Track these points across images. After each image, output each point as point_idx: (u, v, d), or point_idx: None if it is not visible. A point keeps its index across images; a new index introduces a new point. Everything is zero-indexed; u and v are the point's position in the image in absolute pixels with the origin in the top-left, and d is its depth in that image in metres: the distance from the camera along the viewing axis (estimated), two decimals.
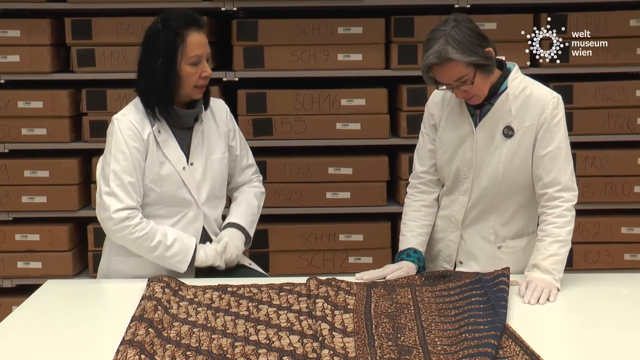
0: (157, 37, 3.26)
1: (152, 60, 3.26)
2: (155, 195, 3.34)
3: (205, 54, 3.30)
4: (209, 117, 3.49)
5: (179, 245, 3.30)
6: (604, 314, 2.89)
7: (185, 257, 3.30)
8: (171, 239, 3.29)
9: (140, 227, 3.26)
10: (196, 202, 3.39)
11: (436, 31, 3.13)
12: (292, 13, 5.02)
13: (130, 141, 3.27)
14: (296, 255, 5.05)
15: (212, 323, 2.76)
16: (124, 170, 3.26)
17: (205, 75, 3.29)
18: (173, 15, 3.30)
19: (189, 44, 3.24)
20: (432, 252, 3.50)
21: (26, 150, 5.01)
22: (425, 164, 3.47)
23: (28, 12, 5.05)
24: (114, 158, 3.27)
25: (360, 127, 4.97)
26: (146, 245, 3.27)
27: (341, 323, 2.69)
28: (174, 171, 3.34)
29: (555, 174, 3.19)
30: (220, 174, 3.48)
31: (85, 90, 4.96)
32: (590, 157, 4.97)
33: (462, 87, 3.14)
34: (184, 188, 3.36)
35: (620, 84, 4.97)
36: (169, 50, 3.23)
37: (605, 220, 5.05)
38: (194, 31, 3.26)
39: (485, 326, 2.60)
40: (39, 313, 2.99)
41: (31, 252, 5.01)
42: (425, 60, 3.12)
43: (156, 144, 3.31)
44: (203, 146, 3.42)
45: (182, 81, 3.26)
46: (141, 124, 3.30)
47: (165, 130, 3.34)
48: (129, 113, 3.33)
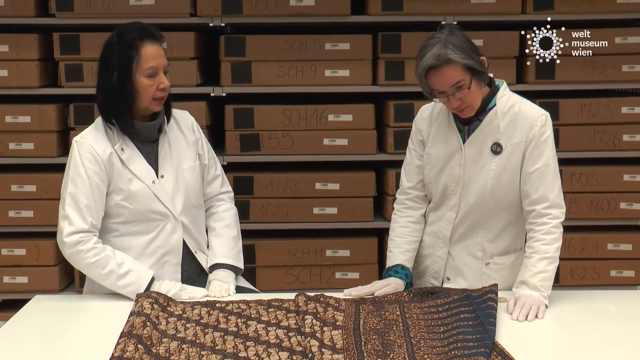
0: (112, 50, 3.25)
1: (108, 74, 3.24)
2: (128, 213, 3.31)
3: (161, 66, 3.27)
4: (174, 128, 3.46)
5: (132, 276, 3.24)
6: (591, 331, 2.90)
7: (138, 288, 3.22)
8: (125, 268, 3.23)
9: (93, 252, 3.22)
10: (172, 214, 3.36)
11: (431, 39, 3.13)
12: (280, 29, 5.04)
13: (88, 164, 3.24)
14: (283, 271, 5.06)
15: (201, 339, 2.76)
16: (80, 193, 3.24)
17: (163, 87, 3.26)
18: (128, 28, 3.27)
19: (143, 55, 3.22)
20: (419, 268, 3.51)
21: (13, 165, 5.01)
22: (413, 180, 3.47)
23: (16, 27, 5.05)
24: (72, 181, 3.26)
25: (347, 142, 4.98)
26: (98, 272, 3.23)
27: (330, 339, 2.69)
28: (143, 186, 3.31)
29: (543, 191, 3.20)
30: (193, 182, 3.45)
31: (73, 105, 4.96)
32: (577, 173, 5.00)
33: (457, 93, 3.13)
34: (156, 201, 3.33)
35: (606, 101, 5.00)
36: (124, 63, 3.21)
37: (592, 237, 5.07)
38: (148, 43, 3.24)
39: (475, 343, 2.61)
40: (27, 329, 2.98)
41: (17, 267, 5.00)
42: (423, 62, 3.10)
43: (121, 162, 3.29)
44: (171, 157, 3.40)
45: (138, 93, 3.24)
46: (101, 145, 3.27)
47: (129, 146, 3.31)
48: (88, 135, 3.31)
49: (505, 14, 4.92)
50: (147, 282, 3.24)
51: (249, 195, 4.94)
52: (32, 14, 4.88)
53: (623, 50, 4.97)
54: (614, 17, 4.97)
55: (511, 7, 4.91)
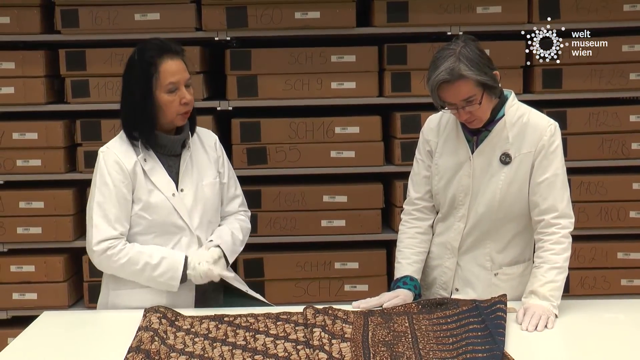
0: (132, 69, 3.30)
1: (131, 91, 3.29)
2: (146, 223, 3.33)
3: (182, 81, 3.29)
4: (197, 144, 3.49)
5: (166, 263, 3.28)
6: (601, 341, 2.88)
7: (175, 273, 3.28)
8: (157, 258, 3.27)
9: (123, 253, 3.26)
10: (189, 228, 3.37)
11: (445, 50, 3.12)
12: (285, 42, 5.04)
13: (115, 173, 3.28)
14: (292, 284, 5.04)
15: (209, 353, 2.75)
16: (108, 202, 3.28)
17: (185, 101, 3.29)
18: (148, 45, 3.31)
19: (162, 72, 3.25)
20: (427, 280, 3.49)
21: (21, 182, 5.01)
22: (420, 191, 3.46)
23: (22, 44, 5.06)
24: (99, 191, 3.30)
25: (354, 154, 4.98)
26: (132, 270, 3.27)
27: (339, 352, 2.68)
28: (163, 198, 3.33)
29: (552, 201, 3.19)
30: (212, 199, 3.47)
31: (80, 121, 4.97)
32: (585, 182, 4.98)
33: (467, 107, 3.13)
34: (175, 214, 3.34)
35: (614, 109, 4.99)
36: (144, 80, 3.25)
37: (601, 246, 5.05)
38: (167, 59, 3.27)
39: (484, 354, 2.59)
40: (35, 345, 2.97)
41: (26, 284, 5.00)
42: (436, 77, 3.09)
43: (143, 172, 3.32)
44: (192, 172, 3.41)
45: (161, 109, 3.27)
46: (126, 155, 3.31)
47: (152, 158, 3.34)
48: (114, 145, 3.36)
49: (511, 23, 4.91)
50: (181, 264, 3.28)
51: (256, 208, 4.93)
52: (37, 30, 4.90)
53: (630, 58, 4.96)
54: (621, 25, 4.96)
55: (517, 17, 4.90)
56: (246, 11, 4.85)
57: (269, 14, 4.85)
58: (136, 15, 4.85)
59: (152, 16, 4.85)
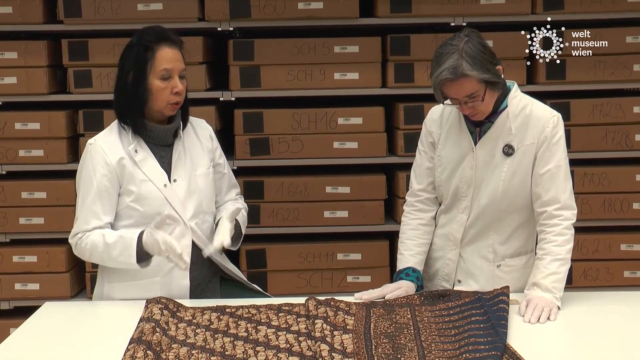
0: (130, 52, 3.31)
1: (125, 74, 3.31)
2: (138, 215, 3.31)
3: (176, 70, 3.28)
4: (191, 133, 3.48)
5: (122, 241, 3.23)
6: (604, 333, 2.88)
7: (130, 250, 3.21)
8: (115, 237, 3.24)
9: (89, 239, 3.27)
10: (182, 219, 3.34)
11: (447, 45, 3.11)
12: (288, 33, 5.02)
13: (99, 167, 3.28)
14: (294, 275, 5.04)
15: (210, 344, 2.74)
16: (88, 196, 3.28)
17: (177, 90, 3.27)
18: (147, 31, 3.32)
19: (158, 57, 3.25)
20: (429, 271, 3.49)
21: (23, 172, 5.00)
22: (423, 182, 3.46)
23: (25, 34, 5.05)
24: (83, 183, 3.32)
25: (357, 145, 4.97)
26: (97, 254, 3.28)
27: (340, 344, 2.67)
28: (154, 189, 3.31)
29: (554, 193, 3.19)
30: (206, 189, 3.45)
31: (82, 111, 4.96)
32: (589, 174, 4.97)
33: (470, 102, 3.13)
34: (167, 205, 3.31)
35: (618, 101, 4.97)
36: (139, 64, 3.26)
37: (605, 238, 5.04)
38: (165, 46, 3.27)
39: (486, 346, 2.59)
40: (37, 335, 2.98)
41: (29, 274, 5.00)
42: (439, 76, 3.08)
43: (134, 163, 3.31)
44: (185, 162, 3.40)
45: (152, 95, 3.27)
46: (112, 148, 3.31)
47: (143, 148, 3.33)
48: (101, 138, 3.36)
49: (514, 14, 4.89)
50: (134, 240, 3.21)
51: (259, 199, 4.93)
52: (40, 20, 4.88)
53: (634, 49, 4.94)
54: (625, 16, 4.94)
55: (521, 8, 4.88)
56: (249, 1, 4.84)
57: (272, 4, 4.84)
58: (139, 5, 4.84)
59: (155, 6, 4.84)
